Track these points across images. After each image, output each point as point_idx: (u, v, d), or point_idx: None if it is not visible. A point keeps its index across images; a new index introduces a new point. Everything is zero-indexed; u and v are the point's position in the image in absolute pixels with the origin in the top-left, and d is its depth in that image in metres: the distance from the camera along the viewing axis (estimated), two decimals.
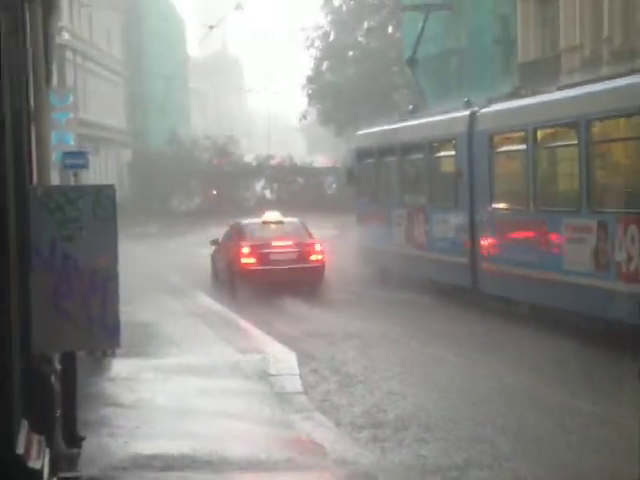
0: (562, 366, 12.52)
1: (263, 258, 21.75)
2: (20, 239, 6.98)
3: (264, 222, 23.68)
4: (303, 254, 22.09)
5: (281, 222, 23.77)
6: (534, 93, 17.87)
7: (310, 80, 66.51)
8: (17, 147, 7.11)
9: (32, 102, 9.82)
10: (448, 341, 14.90)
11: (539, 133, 16.38)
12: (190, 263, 29.35)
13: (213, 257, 24.77)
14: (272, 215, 24.12)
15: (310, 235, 23.11)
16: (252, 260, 21.75)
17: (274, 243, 22.19)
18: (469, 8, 40.35)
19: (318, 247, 22.45)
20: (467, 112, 19.07)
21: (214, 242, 24.58)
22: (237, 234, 23.24)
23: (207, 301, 20.36)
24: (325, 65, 66.28)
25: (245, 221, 24.67)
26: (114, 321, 7.57)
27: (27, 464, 5.68)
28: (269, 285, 21.34)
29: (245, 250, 21.88)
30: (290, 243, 22.31)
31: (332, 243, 24.11)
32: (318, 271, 22.14)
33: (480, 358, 13.49)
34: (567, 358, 13.03)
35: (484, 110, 18.60)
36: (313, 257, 22.21)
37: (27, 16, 9.16)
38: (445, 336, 15.41)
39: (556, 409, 10.45)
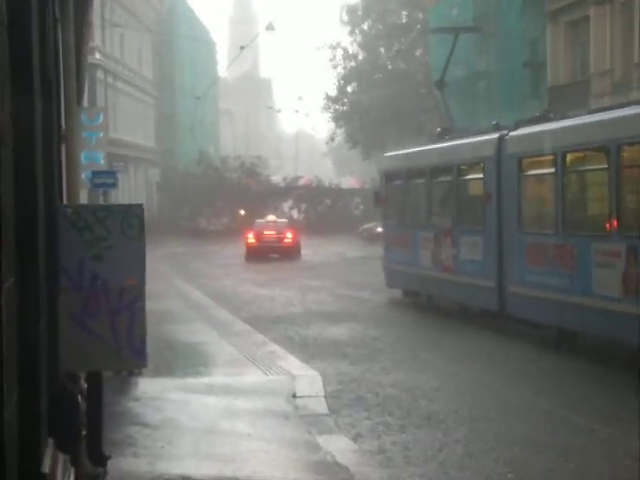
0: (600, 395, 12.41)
1: (259, 239, 42.05)
2: (49, 258, 7.01)
3: (266, 221, 45.47)
4: (281, 238, 42.38)
5: (275, 221, 45.57)
6: (563, 117, 17.82)
7: (332, 100, 66.41)
8: (47, 166, 7.15)
9: (63, 121, 9.91)
10: (471, 361, 14.83)
11: (568, 157, 16.31)
12: (213, 284, 30.34)
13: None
14: (271, 217, 47.76)
15: (288, 228, 43.79)
16: (253, 240, 42.05)
17: (265, 232, 42.60)
18: (498, 31, 40.35)
19: (289, 234, 42.81)
20: (496, 135, 19.01)
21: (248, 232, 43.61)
22: (251, 226, 44.27)
23: (244, 327, 20.13)
24: (352, 87, 66.30)
25: (258, 220, 46.10)
26: (141, 341, 7.55)
27: None
28: (262, 255, 40.41)
29: (250, 235, 42.47)
30: (274, 232, 42.61)
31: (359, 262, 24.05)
32: (289, 248, 41.85)
33: (504, 381, 13.41)
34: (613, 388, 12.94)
35: (513, 133, 18.54)
36: (286, 240, 42.32)
37: (59, 36, 9.26)
38: (469, 357, 15.34)
39: None
